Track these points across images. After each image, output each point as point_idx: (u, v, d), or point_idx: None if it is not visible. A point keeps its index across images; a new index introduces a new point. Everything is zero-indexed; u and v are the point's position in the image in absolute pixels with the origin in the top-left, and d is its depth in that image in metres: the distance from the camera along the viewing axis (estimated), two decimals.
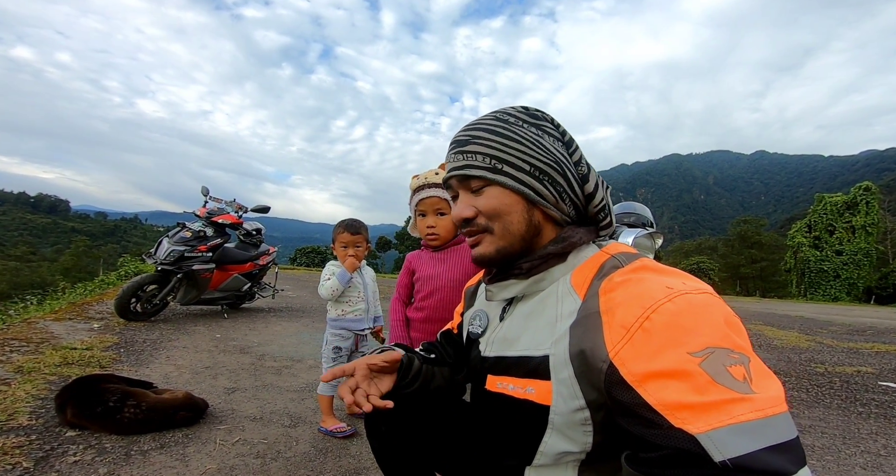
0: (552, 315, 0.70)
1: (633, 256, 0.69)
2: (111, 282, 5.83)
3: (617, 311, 0.58)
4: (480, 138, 0.73)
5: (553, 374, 0.66)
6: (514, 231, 0.73)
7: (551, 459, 0.71)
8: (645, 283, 0.60)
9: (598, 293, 0.63)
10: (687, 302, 0.54)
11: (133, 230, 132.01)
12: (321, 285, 1.96)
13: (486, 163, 0.72)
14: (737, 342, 0.51)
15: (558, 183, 0.72)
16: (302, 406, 2.18)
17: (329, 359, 1.98)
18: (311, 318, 4.81)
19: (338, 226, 1.99)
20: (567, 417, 0.65)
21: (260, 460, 1.58)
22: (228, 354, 2.98)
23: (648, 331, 0.54)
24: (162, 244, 3.79)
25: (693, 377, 0.48)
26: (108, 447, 1.53)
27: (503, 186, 0.72)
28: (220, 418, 1.91)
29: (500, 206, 0.73)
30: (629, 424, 0.54)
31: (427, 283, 1.49)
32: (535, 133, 0.73)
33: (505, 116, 0.74)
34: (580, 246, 0.74)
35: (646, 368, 0.52)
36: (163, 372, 2.45)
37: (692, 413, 0.47)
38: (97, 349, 2.68)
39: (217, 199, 4.47)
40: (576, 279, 0.70)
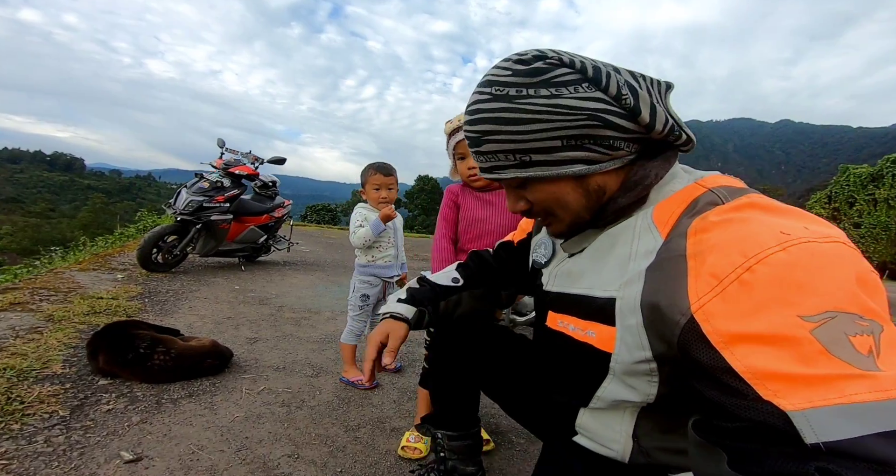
0: (625, 252, 0.62)
1: (739, 191, 0.57)
2: (131, 234, 5.92)
3: (708, 257, 0.49)
4: (492, 134, 0.62)
5: (618, 320, 0.59)
6: (575, 209, 0.66)
7: (608, 404, 0.68)
8: (751, 224, 0.49)
9: (685, 233, 0.53)
10: (807, 252, 0.44)
11: (147, 187, 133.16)
12: (352, 233, 1.91)
13: (511, 160, 0.63)
14: (868, 306, 0.42)
15: (603, 137, 0.60)
16: (322, 356, 2.23)
17: (356, 307, 1.97)
18: (325, 272, 4.87)
19: (368, 168, 1.91)
20: (630, 367, 0.60)
21: (285, 409, 1.63)
22: (248, 305, 3.05)
23: (748, 284, 0.44)
24: (181, 194, 3.79)
25: (799, 345, 0.41)
26: (140, 396, 1.58)
27: (544, 178, 0.64)
28: (245, 368, 1.97)
29: (548, 197, 0.66)
30: (705, 388, 0.47)
31: (474, 226, 1.45)
32: (549, 95, 0.58)
33: (504, 91, 0.60)
34: (658, 183, 0.64)
35: (736, 328, 0.44)
36: (186, 321, 2.51)
37: (789, 385, 0.40)
38: (122, 299, 2.75)
39: (233, 151, 4.43)
40: (659, 214, 0.60)
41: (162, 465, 1.21)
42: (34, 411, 1.37)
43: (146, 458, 1.22)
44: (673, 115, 0.63)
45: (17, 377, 1.54)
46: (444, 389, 1.05)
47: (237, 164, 4.22)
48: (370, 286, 1.98)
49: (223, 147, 4.33)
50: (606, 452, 0.71)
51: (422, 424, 1.16)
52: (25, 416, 1.33)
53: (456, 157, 1.44)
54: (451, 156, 1.46)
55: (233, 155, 4.40)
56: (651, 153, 0.65)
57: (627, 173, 0.65)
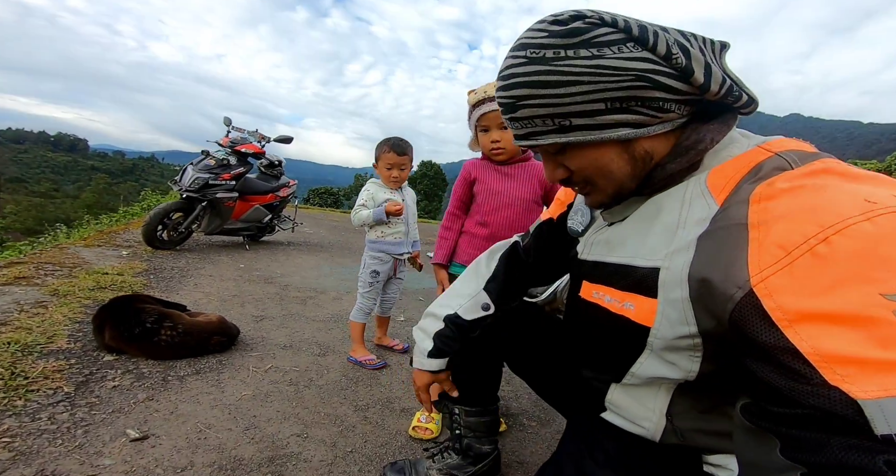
0: (673, 220, 0.57)
1: (812, 155, 0.51)
2: (135, 213, 5.90)
3: (775, 226, 0.43)
4: (528, 98, 0.57)
5: (661, 292, 0.54)
6: (619, 177, 0.61)
7: (643, 381, 0.63)
8: (829, 191, 0.43)
9: (747, 200, 0.48)
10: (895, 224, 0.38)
11: (151, 169, 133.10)
12: (354, 212, 1.87)
13: (549, 125, 0.58)
14: None
15: (652, 98, 0.55)
16: (329, 336, 2.20)
17: (366, 283, 1.93)
18: (329, 253, 4.84)
19: (383, 144, 1.84)
20: (670, 343, 0.55)
21: (293, 388, 1.60)
22: (254, 284, 3.02)
23: (822, 257, 0.39)
24: (187, 171, 3.75)
25: (878, 326, 0.36)
26: (146, 372, 1.55)
27: (585, 143, 0.58)
28: (251, 346, 1.94)
29: (590, 163, 0.61)
30: (760, 370, 0.43)
31: (492, 198, 1.41)
32: (589, 56, 0.54)
33: (539, 53, 0.56)
34: (713, 148, 0.58)
35: (804, 306, 0.39)
36: (192, 298, 2.48)
37: (862, 370, 0.36)
38: (128, 274, 2.72)
39: (240, 129, 4.37)
40: (714, 179, 0.55)
41: (169, 443, 1.18)
42: (38, 387, 1.34)
43: (152, 437, 1.19)
44: (730, 75, 0.57)
45: (22, 352, 1.51)
46: (467, 364, 1.00)
47: (243, 142, 4.17)
48: (380, 262, 1.93)
49: (230, 125, 4.28)
50: (637, 430, 0.67)
51: (439, 400, 1.13)
52: (29, 393, 1.31)
53: (479, 129, 1.38)
54: (472, 127, 1.40)
55: (239, 133, 4.35)
56: (706, 116, 0.59)
57: (678, 137, 0.59)
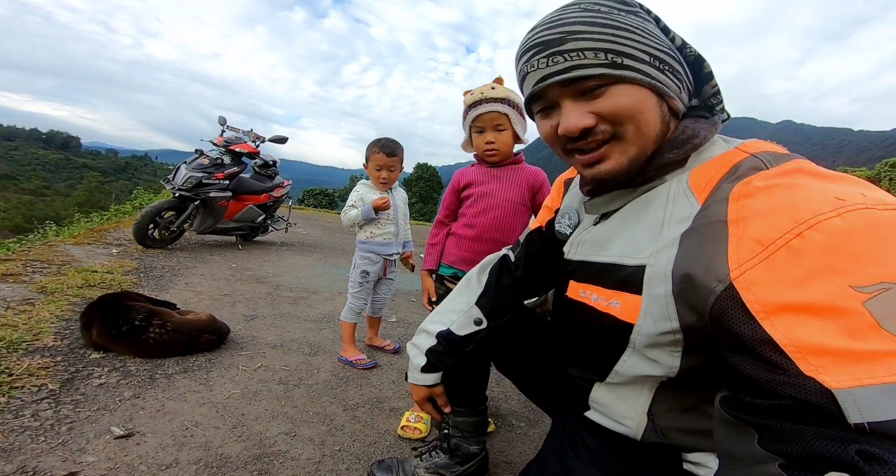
0: (657, 218, 0.58)
1: (785, 156, 0.54)
2: (126, 211, 5.84)
3: (752, 222, 0.45)
4: (582, 33, 0.57)
5: (646, 289, 0.56)
6: (650, 132, 0.59)
7: (626, 379, 0.64)
8: (802, 189, 0.45)
9: (727, 198, 0.50)
10: (865, 219, 0.40)
11: (143, 167, 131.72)
12: (344, 212, 1.88)
13: (601, 59, 0.57)
14: None
15: (678, 71, 0.61)
16: (320, 335, 2.20)
17: (356, 284, 1.93)
18: (322, 254, 4.83)
19: (373, 145, 1.84)
20: (652, 339, 0.56)
21: (283, 387, 1.59)
22: (245, 283, 3.00)
23: (797, 251, 0.41)
24: (180, 170, 3.73)
25: (850, 317, 0.37)
26: (133, 370, 1.54)
27: (631, 82, 0.58)
28: (241, 345, 1.93)
29: (633, 105, 0.58)
30: (739, 361, 0.44)
31: (481, 200, 1.41)
32: (640, 18, 0.61)
33: (595, 6, 0.60)
34: (702, 146, 0.61)
35: (781, 298, 0.40)
36: (182, 297, 2.47)
37: (835, 360, 0.37)
38: (117, 273, 2.69)
39: (234, 129, 4.36)
40: (696, 179, 0.57)
41: (154, 441, 1.17)
42: (23, 384, 1.33)
43: (138, 434, 1.18)
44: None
45: (7, 349, 1.50)
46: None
47: (238, 141, 4.16)
48: (370, 263, 1.93)
49: (224, 124, 4.26)
50: (619, 428, 0.67)
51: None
52: (13, 390, 1.29)
53: (473, 129, 1.38)
54: (467, 128, 1.40)
55: (234, 132, 4.34)
56: (695, 115, 0.63)
57: (675, 129, 0.62)
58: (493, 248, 1.29)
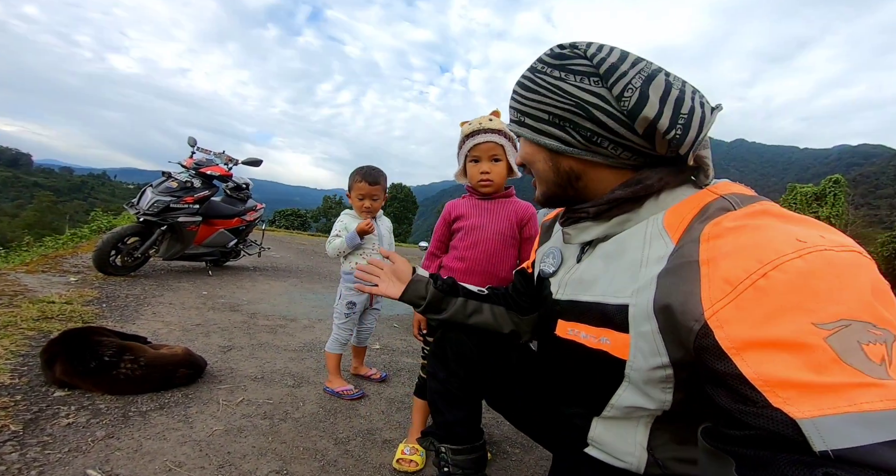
0: (636, 258, 0.62)
1: (751, 198, 0.58)
2: (84, 235, 5.50)
3: (722, 263, 0.48)
4: (513, 94, 0.73)
5: (632, 327, 0.58)
6: (545, 178, 0.73)
7: (622, 413, 0.66)
8: (767, 231, 0.49)
9: (698, 239, 0.53)
10: (824, 260, 0.44)
11: (101, 186, 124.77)
12: (329, 242, 1.84)
13: (515, 117, 0.73)
14: (882, 315, 0.42)
15: (583, 127, 0.64)
16: (303, 365, 2.12)
17: (342, 314, 1.89)
18: (298, 278, 4.70)
19: (355, 173, 1.82)
20: (645, 374, 0.58)
21: (268, 421, 1.52)
22: (218, 312, 2.87)
23: (763, 290, 0.44)
24: (146, 194, 3.54)
25: (813, 352, 0.41)
26: (103, 408, 1.42)
27: (526, 138, 0.73)
28: (220, 378, 1.83)
29: (525, 156, 0.75)
30: (717, 395, 0.47)
31: (471, 233, 1.42)
32: (557, 77, 0.65)
33: (535, 65, 0.70)
34: (661, 190, 0.64)
35: (750, 335, 0.44)
36: (151, 328, 2.33)
37: (800, 393, 0.40)
38: (77, 303, 2.52)
39: (205, 150, 4.19)
40: (670, 219, 0.61)
41: None
42: None
43: None
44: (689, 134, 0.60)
45: None
46: (447, 400, 0.99)
47: (209, 164, 4.01)
48: (357, 294, 1.89)
49: (194, 146, 4.10)
50: (621, 465, 0.69)
51: (424, 438, 1.10)
52: None
53: (469, 159, 1.40)
54: (462, 158, 1.42)
55: (205, 154, 4.19)
56: (663, 164, 0.66)
57: (631, 176, 0.67)
58: (483, 281, 1.31)
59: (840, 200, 27.34)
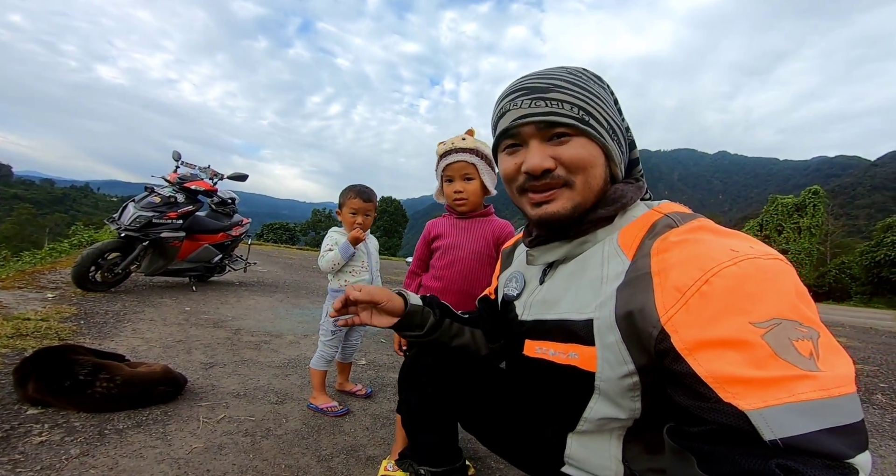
0: (596, 276, 0.66)
1: (690, 216, 0.65)
2: (63, 250, 5.38)
3: (671, 273, 0.54)
4: (564, 88, 0.68)
5: (598, 339, 0.62)
6: (594, 186, 0.69)
7: (595, 426, 0.68)
8: (706, 244, 0.55)
9: (649, 253, 0.59)
10: (755, 267, 0.49)
11: (83, 199, 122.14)
12: (321, 256, 1.84)
13: (574, 113, 0.67)
14: (806, 314, 0.47)
15: (621, 143, 0.72)
16: (287, 382, 2.08)
17: (328, 331, 1.87)
18: (285, 294, 4.64)
19: (348, 190, 1.86)
20: (614, 383, 0.61)
21: (250, 438, 1.48)
22: (201, 328, 2.82)
23: (706, 295, 0.49)
24: (127, 209, 3.50)
25: (753, 349, 0.45)
26: (78, 426, 1.38)
27: (590, 138, 0.68)
28: (200, 395, 1.79)
29: (588, 158, 0.67)
30: (676, 395, 0.51)
31: (448, 252, 1.42)
32: (605, 93, 0.72)
33: (578, 72, 0.72)
34: (629, 206, 0.70)
35: (699, 336, 0.48)
36: (130, 345, 2.28)
37: (746, 388, 0.44)
38: (54, 320, 2.45)
39: (190, 165, 4.17)
40: (623, 239, 0.66)
41: None
42: None
43: None
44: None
45: None
46: (421, 424, 0.97)
47: (193, 178, 3.99)
48: None
49: (179, 160, 4.08)
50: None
51: (402, 459, 1.08)
52: None
53: (444, 178, 1.42)
54: (438, 178, 1.44)
55: (189, 169, 4.16)
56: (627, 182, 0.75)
57: (609, 191, 0.71)
58: (460, 300, 1.32)
59: (820, 211, 28.14)
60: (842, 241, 42.99)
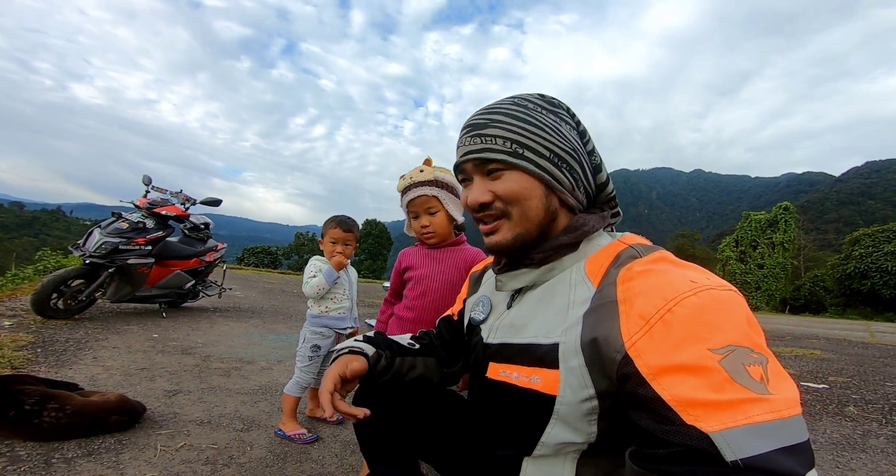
0: (563, 302, 0.67)
1: (652, 248, 0.68)
2: (26, 276, 5.15)
3: (636, 301, 0.56)
4: (500, 122, 0.70)
5: (562, 363, 0.62)
6: (532, 217, 0.71)
7: (552, 450, 0.67)
8: (668, 274, 0.58)
9: (615, 281, 0.61)
10: (712, 297, 0.52)
11: (54, 223, 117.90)
12: (306, 283, 1.84)
13: (506, 147, 0.69)
14: (757, 342, 0.50)
15: (575, 170, 0.71)
16: (255, 409, 2.00)
17: (305, 357, 1.85)
18: (261, 319, 4.52)
19: (330, 220, 1.89)
20: (574, 408, 0.62)
21: (209, 467, 1.41)
22: (168, 355, 2.70)
23: (669, 323, 0.51)
24: (93, 235, 3.39)
25: (712, 374, 0.47)
26: (23, 455, 1.30)
27: (523, 171, 0.70)
28: (161, 423, 1.70)
29: (520, 191, 0.70)
30: (639, 419, 0.51)
31: (420, 283, 1.41)
32: (554, 120, 0.72)
33: (523, 102, 0.72)
34: (592, 234, 0.72)
35: (663, 362, 0.50)
36: (88, 373, 2.17)
37: (707, 411, 0.45)
38: (8, 348, 2.33)
39: (160, 189, 4.08)
40: (590, 267, 0.68)
41: None
42: None
43: None
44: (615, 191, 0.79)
45: None
46: (380, 459, 0.92)
47: (164, 204, 3.90)
48: (322, 337, 1.89)
49: (149, 185, 4.00)
50: None
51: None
52: None
53: (410, 214, 1.42)
54: (405, 212, 1.44)
55: (160, 194, 4.08)
56: (592, 211, 0.77)
57: (573, 218, 0.74)
58: None
59: (791, 226, 29.11)
60: (814, 255, 44.44)
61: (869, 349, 5.82)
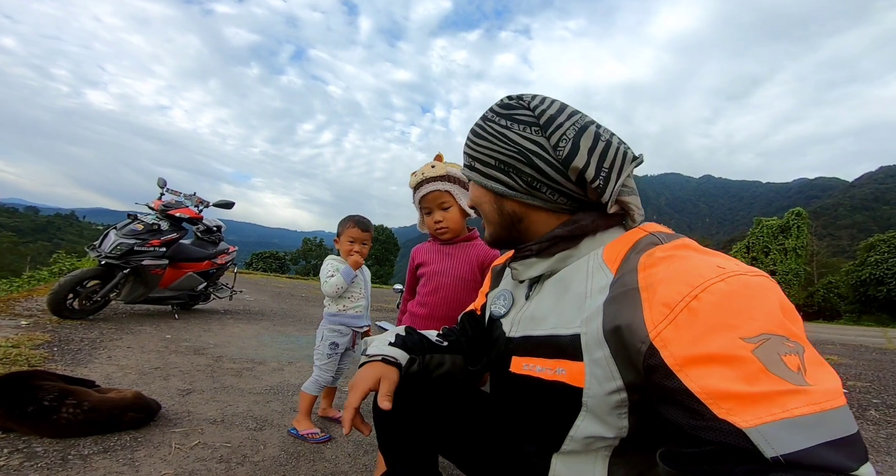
0: (581, 291, 0.65)
1: (673, 235, 0.65)
2: (42, 278, 5.23)
3: (659, 288, 0.53)
4: (466, 140, 0.78)
5: (586, 355, 0.60)
6: (492, 220, 0.77)
7: (581, 445, 0.65)
8: (692, 260, 0.55)
9: (636, 268, 0.58)
10: (742, 283, 0.49)
11: (68, 227, 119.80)
12: (325, 282, 1.86)
13: (467, 162, 0.78)
14: (792, 330, 0.47)
15: (525, 173, 0.70)
16: (268, 408, 2.00)
17: (324, 355, 1.87)
18: (271, 321, 4.53)
19: (347, 220, 1.91)
20: (602, 400, 0.59)
21: (224, 465, 1.41)
22: (181, 355, 2.72)
23: (695, 311, 0.48)
24: (108, 236, 3.43)
25: (744, 364, 0.44)
26: (40, 451, 1.31)
27: (475, 182, 0.77)
28: (175, 421, 1.71)
29: (475, 199, 0.80)
30: (668, 413, 0.49)
31: (433, 279, 1.41)
32: (503, 126, 0.71)
33: (486, 114, 0.75)
34: (595, 231, 0.70)
35: (690, 352, 0.47)
36: (104, 372, 2.18)
37: (739, 404, 0.43)
38: (25, 347, 2.36)
39: (175, 192, 4.13)
40: (608, 254, 0.66)
41: None
42: None
43: None
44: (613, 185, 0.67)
45: None
46: (398, 458, 0.90)
47: (178, 206, 3.95)
48: (340, 335, 1.91)
49: (164, 187, 4.06)
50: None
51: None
52: None
53: (422, 210, 1.42)
54: (417, 209, 1.44)
55: (174, 196, 4.13)
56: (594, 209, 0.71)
57: (568, 218, 0.72)
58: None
59: (803, 232, 28.68)
60: (828, 261, 43.68)
61: (887, 354, 5.69)
